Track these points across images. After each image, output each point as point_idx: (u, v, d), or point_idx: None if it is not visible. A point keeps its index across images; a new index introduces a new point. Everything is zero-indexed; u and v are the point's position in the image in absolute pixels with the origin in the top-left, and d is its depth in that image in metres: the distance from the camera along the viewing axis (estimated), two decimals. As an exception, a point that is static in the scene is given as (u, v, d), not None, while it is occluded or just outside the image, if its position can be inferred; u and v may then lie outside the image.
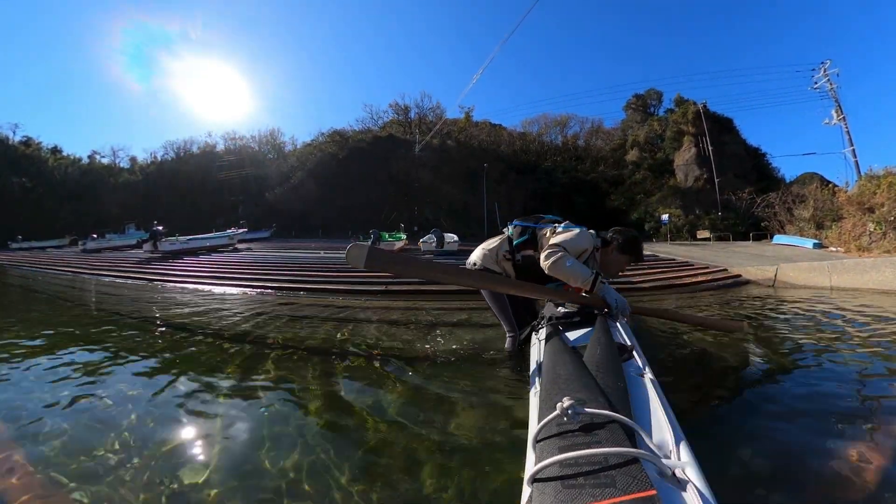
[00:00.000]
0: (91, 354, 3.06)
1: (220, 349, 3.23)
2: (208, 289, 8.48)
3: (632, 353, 1.40)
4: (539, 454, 0.80)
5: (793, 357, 2.72)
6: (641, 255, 2.36)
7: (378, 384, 2.35)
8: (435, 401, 2.06)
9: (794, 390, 2.10)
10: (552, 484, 0.68)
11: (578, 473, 0.67)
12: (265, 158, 40.81)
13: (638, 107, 40.77)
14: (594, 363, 1.20)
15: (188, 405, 2.04)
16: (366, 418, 1.87)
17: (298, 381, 2.42)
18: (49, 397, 2.14)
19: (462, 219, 29.66)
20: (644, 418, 0.97)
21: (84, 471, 1.46)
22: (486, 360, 2.75)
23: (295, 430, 1.77)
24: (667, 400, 1.05)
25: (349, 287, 8.02)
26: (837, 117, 23.73)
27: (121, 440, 1.68)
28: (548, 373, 1.20)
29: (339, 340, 3.54)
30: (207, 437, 1.72)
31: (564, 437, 0.80)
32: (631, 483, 0.61)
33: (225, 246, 17.75)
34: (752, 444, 1.51)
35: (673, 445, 0.83)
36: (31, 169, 39.20)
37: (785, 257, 11.24)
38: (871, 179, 15.52)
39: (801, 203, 19.98)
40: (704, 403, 2.01)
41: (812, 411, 1.81)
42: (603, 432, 0.78)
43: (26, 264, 16.94)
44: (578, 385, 1.00)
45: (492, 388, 2.17)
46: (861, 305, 4.89)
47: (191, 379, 2.45)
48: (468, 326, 4.13)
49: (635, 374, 1.23)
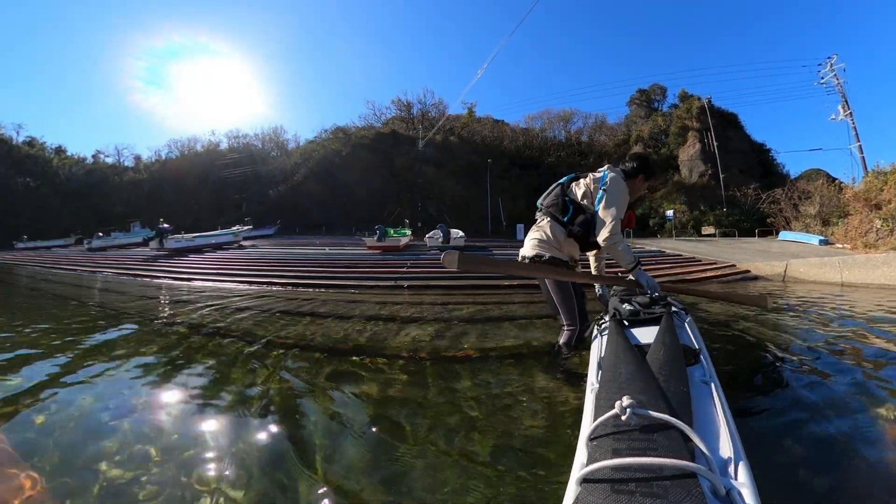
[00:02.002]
0: (105, 354, 3.10)
1: (243, 347, 3.25)
2: (215, 286, 8.53)
3: (698, 356, 1.34)
4: (591, 453, 0.78)
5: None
6: (654, 171, 2.53)
7: (417, 383, 2.36)
8: (482, 399, 2.07)
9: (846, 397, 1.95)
10: (602, 486, 0.66)
11: (631, 479, 0.65)
12: (268, 156, 40.80)
13: (642, 102, 40.49)
14: (657, 364, 1.15)
15: (210, 404, 2.07)
16: (403, 423, 1.88)
17: (311, 378, 2.44)
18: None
19: (465, 214, 29.60)
20: (705, 428, 0.92)
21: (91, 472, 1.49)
22: (530, 355, 2.76)
23: (325, 431, 1.79)
24: (731, 412, 1.00)
25: (358, 282, 8.06)
26: (844, 112, 23.55)
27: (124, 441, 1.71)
28: (607, 370, 1.17)
29: (359, 337, 3.56)
30: (239, 452, 1.73)
31: (619, 437, 0.78)
32: (684, 497, 0.60)
33: (230, 243, 17.82)
34: (810, 465, 1.41)
35: (732, 463, 0.79)
36: (36, 169, 39.30)
37: (792, 253, 11.21)
38: (879, 175, 15.41)
39: (806, 199, 19.86)
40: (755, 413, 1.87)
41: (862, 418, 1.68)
42: (660, 437, 0.75)
43: (32, 263, 17.05)
44: (639, 385, 0.97)
45: (542, 387, 2.18)
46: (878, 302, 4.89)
47: (212, 380, 2.47)
48: (490, 322, 4.14)
49: (700, 380, 1.18)
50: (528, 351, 2.90)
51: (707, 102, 31.92)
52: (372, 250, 12.95)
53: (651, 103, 40.47)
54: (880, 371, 2.31)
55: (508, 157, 35.71)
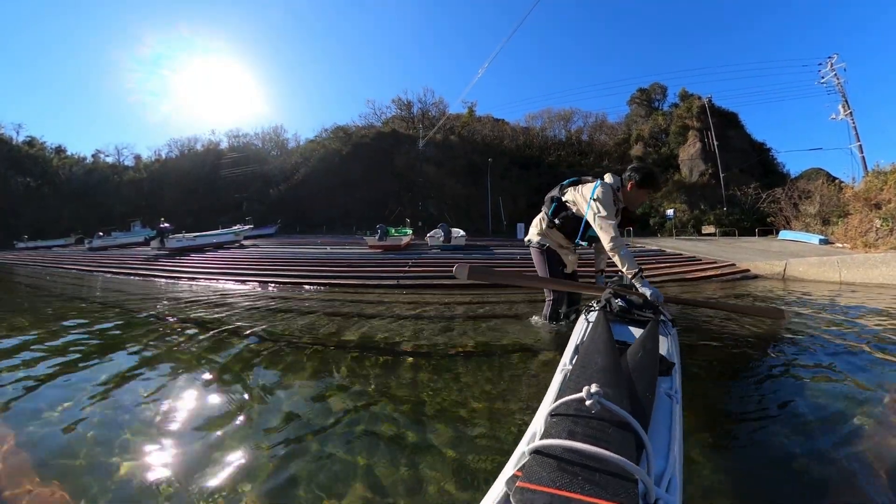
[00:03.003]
0: (107, 354, 3.13)
1: (257, 347, 3.29)
2: (218, 285, 8.57)
3: (671, 370, 1.37)
4: (548, 428, 0.82)
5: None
6: (658, 185, 2.79)
7: (416, 380, 2.40)
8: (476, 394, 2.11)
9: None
10: (551, 461, 0.70)
11: (578, 463, 0.69)
12: (269, 155, 40.80)
13: (642, 101, 40.52)
14: (632, 365, 1.19)
15: (223, 405, 2.11)
16: (404, 426, 1.92)
17: (328, 376, 2.48)
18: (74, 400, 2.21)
19: (466, 214, 29.64)
20: (656, 438, 0.97)
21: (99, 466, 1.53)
22: (527, 350, 2.80)
23: (324, 426, 1.83)
24: (682, 431, 1.06)
25: (360, 281, 8.09)
26: (844, 112, 23.56)
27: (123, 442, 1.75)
28: (583, 356, 1.21)
29: (364, 335, 3.60)
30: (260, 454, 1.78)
31: (578, 421, 0.81)
32: (620, 494, 0.64)
33: (231, 242, 17.82)
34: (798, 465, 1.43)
35: (668, 476, 0.85)
36: (36, 169, 39.33)
37: (792, 253, 11.25)
38: (879, 175, 15.42)
39: (807, 199, 19.89)
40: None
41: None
42: (615, 433, 0.79)
43: (33, 263, 17.08)
44: (610, 379, 1.00)
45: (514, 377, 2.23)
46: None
47: (225, 381, 2.51)
48: (489, 318, 4.18)
49: (665, 392, 1.22)
50: (525, 346, 2.93)
51: (707, 102, 31.95)
52: (373, 249, 12.96)
53: (651, 102, 40.51)
54: (876, 370, 2.36)
55: (509, 157, 35.76)
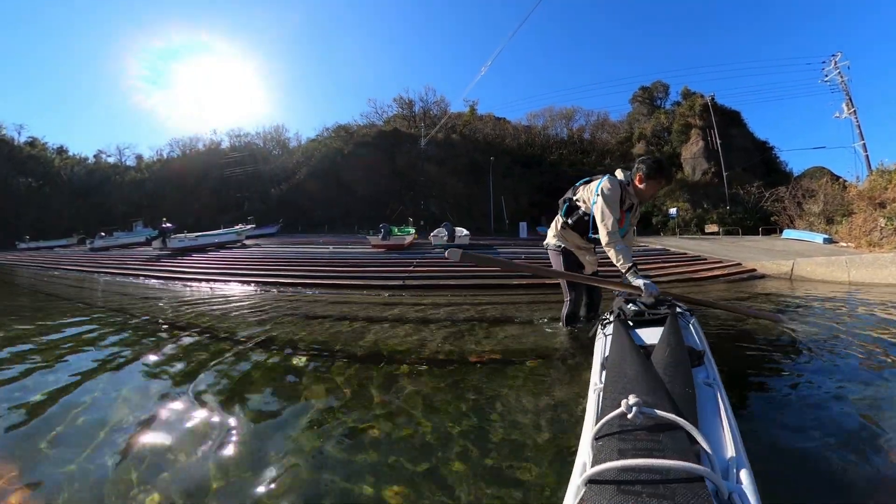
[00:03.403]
0: (104, 354, 3.11)
1: (260, 352, 3.27)
2: (220, 286, 8.54)
3: (702, 358, 1.33)
4: (597, 453, 0.78)
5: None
6: (670, 176, 2.64)
7: (426, 394, 2.37)
8: (485, 399, 2.08)
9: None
10: (609, 487, 0.66)
11: (637, 481, 0.66)
12: (270, 155, 40.76)
13: (644, 99, 40.39)
14: (662, 365, 1.15)
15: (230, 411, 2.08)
16: (417, 425, 1.89)
17: (332, 382, 2.45)
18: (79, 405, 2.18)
19: (468, 213, 29.59)
20: (709, 430, 0.91)
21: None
22: (533, 356, 2.77)
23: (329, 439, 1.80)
24: (734, 415, 1.00)
25: (364, 282, 8.05)
26: (848, 111, 23.45)
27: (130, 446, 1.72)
28: (612, 370, 1.16)
29: (370, 339, 3.57)
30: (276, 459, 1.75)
31: (625, 437, 0.78)
32: (691, 500, 0.60)
33: (233, 242, 17.82)
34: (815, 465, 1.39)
35: (735, 466, 0.79)
36: (38, 169, 39.35)
37: (796, 252, 11.20)
38: (883, 174, 15.38)
39: (810, 198, 19.82)
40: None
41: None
42: (666, 438, 0.75)
43: (35, 264, 17.09)
44: (645, 385, 0.96)
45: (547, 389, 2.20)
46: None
47: (230, 384, 2.49)
48: (503, 323, 4.14)
49: (704, 381, 1.17)
50: (530, 350, 2.90)
51: (710, 100, 31.84)
52: (376, 249, 12.95)
53: (654, 101, 40.39)
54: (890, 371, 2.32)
55: (511, 155, 35.67)
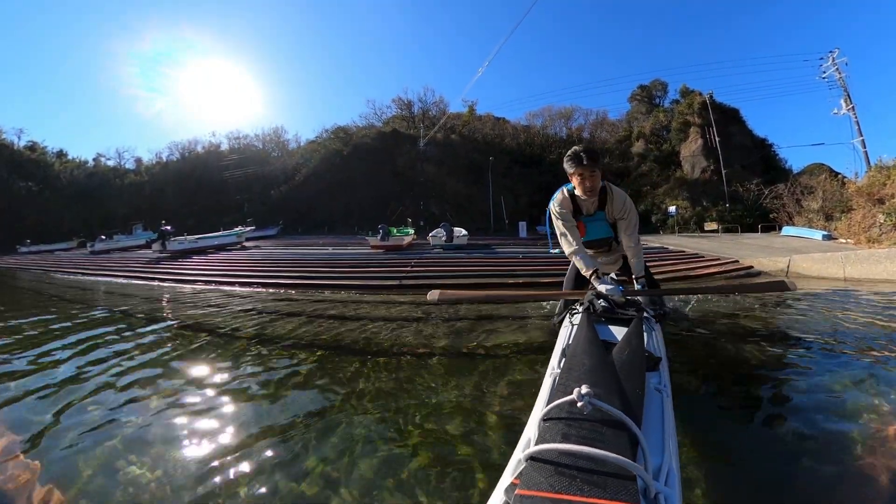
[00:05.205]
0: (105, 354, 3.14)
1: (265, 352, 3.29)
2: (220, 287, 8.57)
3: (658, 365, 1.37)
4: (542, 433, 0.82)
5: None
6: (579, 158, 2.31)
7: (423, 382, 2.40)
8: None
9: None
10: (548, 467, 0.70)
11: (575, 466, 0.69)
12: (270, 156, 40.81)
13: (643, 98, 40.33)
14: (620, 363, 1.19)
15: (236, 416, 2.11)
16: (409, 429, 1.91)
17: (335, 378, 2.48)
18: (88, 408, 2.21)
19: (467, 212, 29.58)
20: (650, 432, 0.96)
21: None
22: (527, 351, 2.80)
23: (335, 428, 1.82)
24: (674, 423, 1.05)
25: (362, 282, 8.09)
26: (846, 107, 23.40)
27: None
28: (571, 358, 1.20)
29: (369, 338, 3.60)
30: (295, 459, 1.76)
31: (571, 423, 0.81)
32: (620, 493, 0.64)
33: (233, 244, 17.85)
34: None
35: (665, 469, 0.83)
36: (38, 173, 39.43)
37: (795, 249, 11.21)
38: (881, 170, 15.33)
39: (809, 194, 19.78)
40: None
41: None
42: (609, 432, 0.78)
43: (36, 267, 17.14)
44: (599, 378, 1.00)
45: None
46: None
47: (236, 388, 2.51)
48: (495, 319, 4.17)
49: (655, 387, 1.22)
50: (524, 347, 2.93)
51: (709, 98, 31.79)
52: (375, 249, 12.98)
53: (652, 99, 40.32)
54: (881, 367, 2.34)
55: (510, 155, 35.67)
